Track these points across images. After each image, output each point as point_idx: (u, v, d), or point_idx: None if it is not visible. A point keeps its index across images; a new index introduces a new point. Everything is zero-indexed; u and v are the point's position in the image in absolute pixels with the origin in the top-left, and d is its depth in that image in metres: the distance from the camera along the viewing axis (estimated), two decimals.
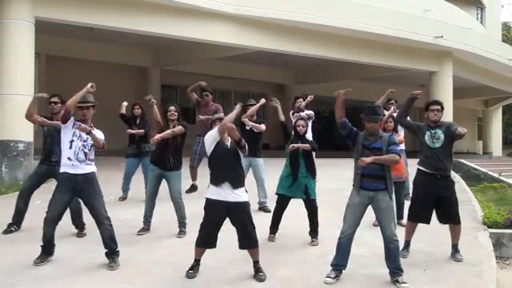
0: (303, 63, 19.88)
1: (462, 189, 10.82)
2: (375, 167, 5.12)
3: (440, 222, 6.16)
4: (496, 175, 15.56)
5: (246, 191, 5.28)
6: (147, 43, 16.52)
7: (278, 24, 14.67)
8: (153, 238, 6.60)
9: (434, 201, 5.97)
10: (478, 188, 11.71)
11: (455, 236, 6.09)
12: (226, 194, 5.10)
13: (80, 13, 11.80)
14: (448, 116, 18.52)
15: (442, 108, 6.06)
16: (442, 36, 17.28)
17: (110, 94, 17.74)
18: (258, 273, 5.13)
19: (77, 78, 16.61)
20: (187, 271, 5.17)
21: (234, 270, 5.34)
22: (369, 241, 6.29)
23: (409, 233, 6.14)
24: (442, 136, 5.92)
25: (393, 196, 5.29)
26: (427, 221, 6.04)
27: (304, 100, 9.47)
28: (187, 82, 21.10)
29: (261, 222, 6.96)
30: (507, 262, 6.86)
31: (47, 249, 5.45)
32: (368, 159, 5.02)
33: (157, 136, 6.65)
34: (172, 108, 6.95)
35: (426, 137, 5.97)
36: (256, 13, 14.14)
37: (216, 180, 5.16)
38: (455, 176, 13.27)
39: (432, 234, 6.72)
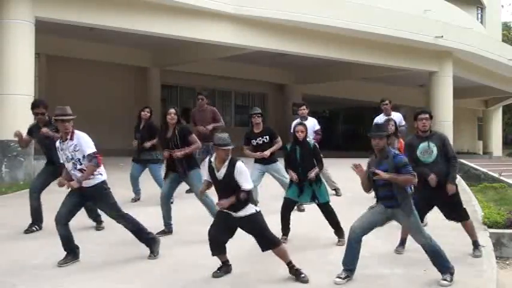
0: (303, 63, 19.88)
1: (462, 189, 10.81)
2: (384, 189, 5.08)
3: (447, 219, 6.19)
4: (496, 175, 15.57)
5: (255, 204, 5.19)
6: (147, 43, 16.52)
7: (278, 24, 14.68)
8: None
9: (432, 203, 5.98)
10: (478, 188, 11.72)
11: (469, 233, 6.15)
12: (233, 213, 5.06)
13: (80, 13, 11.80)
14: (448, 116, 18.59)
15: (431, 116, 6.00)
16: (442, 36, 17.28)
17: (109, 94, 17.85)
18: (299, 276, 5.04)
19: (77, 78, 16.84)
20: (214, 271, 5.17)
21: (234, 270, 5.33)
22: (369, 241, 6.25)
23: (405, 231, 6.14)
24: (434, 150, 5.88)
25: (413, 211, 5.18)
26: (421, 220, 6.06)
27: (307, 108, 9.31)
28: (188, 82, 21.28)
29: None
30: (507, 262, 6.86)
31: (69, 249, 5.48)
32: (384, 176, 4.95)
33: (179, 153, 6.55)
34: (172, 111, 6.69)
35: (418, 153, 5.88)
36: (256, 13, 14.14)
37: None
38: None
39: (432, 234, 6.71)
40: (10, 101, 10.66)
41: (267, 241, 5.07)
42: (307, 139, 6.58)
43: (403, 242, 6.10)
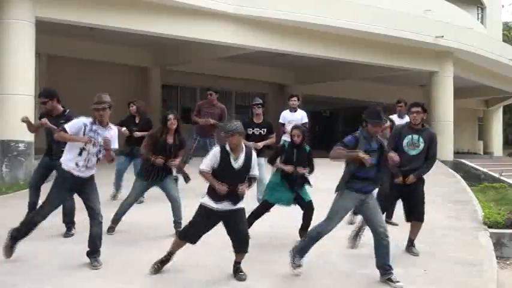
0: (303, 63, 19.87)
1: (463, 189, 10.84)
2: (372, 170, 5.08)
3: (407, 220, 6.11)
4: (496, 175, 15.60)
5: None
6: (148, 43, 16.53)
7: (278, 24, 14.67)
8: (153, 238, 6.59)
9: (399, 197, 5.98)
10: (478, 188, 11.74)
11: (415, 233, 6.12)
12: (224, 206, 5.00)
13: (80, 13, 11.80)
14: (448, 116, 18.58)
15: (424, 110, 6.01)
16: (443, 36, 17.27)
17: (110, 94, 17.81)
18: (238, 273, 5.11)
19: (78, 78, 16.83)
20: (154, 263, 5.15)
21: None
22: (369, 241, 6.28)
23: (414, 231, 6.15)
24: (422, 145, 5.91)
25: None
26: (388, 215, 6.03)
27: (298, 99, 9.25)
28: (188, 82, 21.27)
29: (260, 222, 6.97)
30: (507, 262, 6.86)
31: (18, 240, 5.39)
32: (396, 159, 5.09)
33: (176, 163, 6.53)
34: (171, 116, 6.55)
35: (404, 142, 5.90)
36: (257, 13, 14.13)
37: (215, 197, 4.97)
38: (455, 175, 13.30)
39: (432, 234, 6.73)
40: (10, 100, 10.67)
41: (245, 242, 5.06)
42: (304, 143, 6.44)
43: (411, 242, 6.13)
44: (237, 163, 4.97)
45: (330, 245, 6.24)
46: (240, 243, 5.06)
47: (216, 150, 5.01)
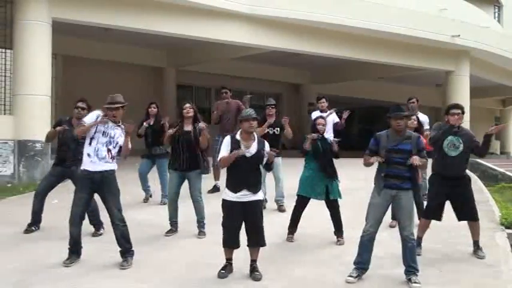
0: (318, 63, 19.81)
1: (479, 189, 10.70)
2: (401, 168, 5.11)
3: (458, 220, 6.14)
4: None
5: (264, 192, 5.25)
6: (163, 43, 16.59)
7: (293, 24, 14.64)
8: (170, 238, 6.62)
9: (447, 198, 5.97)
10: (495, 188, 11.60)
11: (475, 233, 6.09)
12: (242, 197, 5.08)
13: (95, 14, 11.88)
14: (465, 116, 18.36)
15: (463, 112, 6.05)
16: (459, 35, 17.12)
17: (125, 94, 17.91)
18: (254, 272, 5.13)
19: (93, 79, 16.96)
20: (219, 271, 5.16)
21: (246, 271, 5.31)
22: (385, 242, 6.24)
23: (422, 230, 6.10)
24: (461, 146, 5.90)
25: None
26: (439, 218, 6.02)
27: (327, 101, 9.41)
28: (203, 82, 21.27)
29: (277, 222, 6.98)
30: None
31: (75, 250, 5.48)
32: (417, 160, 5.01)
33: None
34: (187, 105, 6.76)
35: (445, 143, 5.89)
36: (271, 13, 14.12)
37: (232, 187, 5.12)
38: (472, 176, 13.16)
39: (449, 234, 6.68)
40: (27, 101, 10.77)
41: (260, 236, 5.12)
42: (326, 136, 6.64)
43: (419, 243, 6.05)
44: (250, 151, 5.07)
45: (346, 245, 6.23)
46: (253, 235, 5.11)
47: (226, 139, 5.21)
